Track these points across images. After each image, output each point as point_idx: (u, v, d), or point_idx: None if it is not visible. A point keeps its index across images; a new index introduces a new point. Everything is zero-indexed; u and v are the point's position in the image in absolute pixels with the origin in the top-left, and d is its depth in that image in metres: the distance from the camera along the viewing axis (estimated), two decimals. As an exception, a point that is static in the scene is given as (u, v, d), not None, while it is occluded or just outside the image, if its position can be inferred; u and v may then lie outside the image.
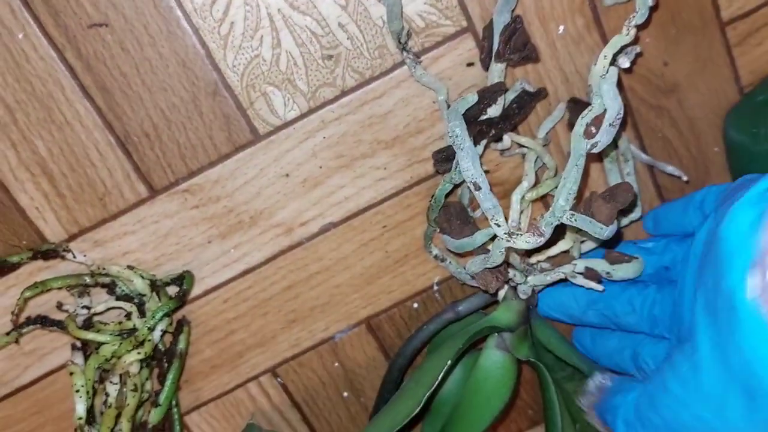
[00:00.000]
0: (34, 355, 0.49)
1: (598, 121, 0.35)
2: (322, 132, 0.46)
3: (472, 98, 0.40)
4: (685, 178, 0.48)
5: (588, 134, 0.35)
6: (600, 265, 0.42)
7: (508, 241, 0.37)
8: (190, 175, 0.46)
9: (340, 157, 0.47)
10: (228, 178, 0.46)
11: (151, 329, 0.43)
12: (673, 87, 0.48)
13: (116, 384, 0.43)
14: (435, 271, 0.51)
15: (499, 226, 0.37)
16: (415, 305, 0.52)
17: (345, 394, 0.55)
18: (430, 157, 0.47)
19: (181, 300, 0.45)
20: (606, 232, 0.37)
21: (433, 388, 0.41)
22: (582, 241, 0.44)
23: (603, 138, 0.35)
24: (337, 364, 0.53)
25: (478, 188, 0.37)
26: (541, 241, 0.37)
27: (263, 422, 0.54)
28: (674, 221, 0.44)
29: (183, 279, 0.46)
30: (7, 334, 0.47)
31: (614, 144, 0.43)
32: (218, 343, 0.51)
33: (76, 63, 0.42)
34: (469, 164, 0.37)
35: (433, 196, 0.45)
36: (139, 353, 0.43)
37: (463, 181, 0.42)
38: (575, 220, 0.36)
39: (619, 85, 0.46)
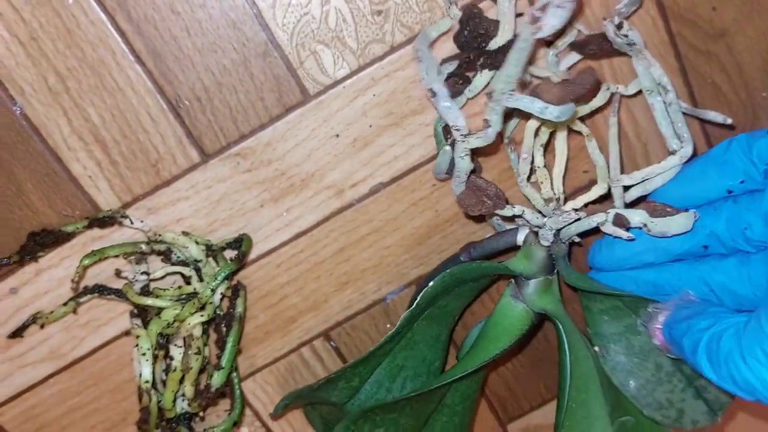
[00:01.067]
0: (90, 326, 0.49)
1: (545, 9, 0.34)
2: (372, 89, 0.45)
3: (445, 24, 0.42)
4: (729, 121, 0.46)
5: (533, 20, 0.33)
6: (637, 216, 0.39)
7: (463, 141, 0.37)
8: (241, 138, 0.45)
9: (389, 115, 0.46)
10: (279, 141, 0.46)
11: (214, 291, 0.43)
12: (722, 32, 0.48)
13: (181, 347, 0.43)
14: (486, 229, 0.51)
15: (458, 129, 0.37)
16: (465, 264, 0.52)
17: (396, 356, 0.55)
18: (480, 111, 0.47)
19: (241, 262, 0.44)
20: (554, 111, 0.33)
21: (409, 309, 0.41)
22: (626, 189, 0.43)
23: (550, 20, 0.32)
24: (389, 325, 0.53)
25: (434, 94, 0.37)
26: (491, 131, 0.36)
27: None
28: (693, 191, 0.40)
29: (240, 242, 0.46)
30: (65, 304, 0.47)
31: (649, 76, 0.42)
32: (272, 308, 0.51)
33: (126, 27, 0.42)
34: (424, 73, 0.37)
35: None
36: (202, 315, 0.43)
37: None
38: (515, 101, 0.34)
39: (667, 26, 0.46)
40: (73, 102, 0.43)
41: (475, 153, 0.41)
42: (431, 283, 0.42)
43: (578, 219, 0.40)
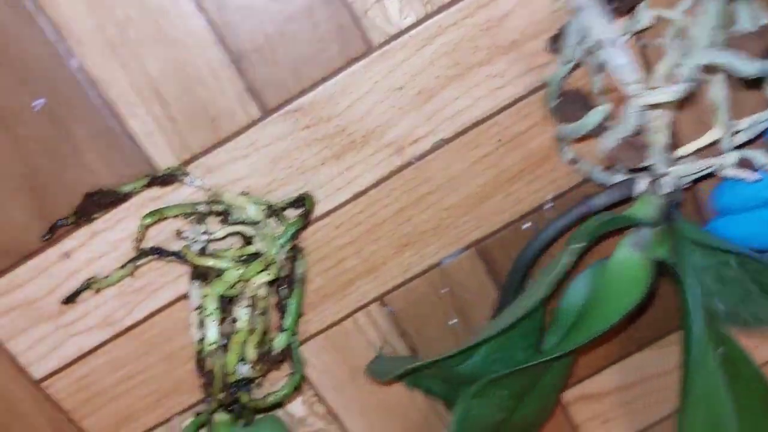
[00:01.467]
0: (144, 291, 0.48)
1: None
2: (438, 39, 0.44)
3: None
4: None
5: None
6: (760, 156, 0.39)
7: (644, 96, 0.36)
8: (302, 92, 0.44)
9: (455, 66, 0.45)
10: (341, 94, 0.44)
11: (281, 248, 0.42)
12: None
13: (248, 308, 0.42)
14: (548, 188, 0.50)
15: (634, 84, 0.36)
16: (525, 226, 0.51)
17: (453, 321, 0.53)
18: (549, 62, 0.45)
19: (305, 220, 0.43)
20: (756, 66, 0.33)
21: (557, 272, 0.40)
22: (734, 133, 0.42)
23: None
24: (445, 290, 0.52)
25: (602, 47, 0.35)
26: (682, 87, 0.35)
27: (371, 353, 0.53)
28: None
29: (301, 201, 0.44)
30: (122, 267, 0.45)
31: (751, 19, 0.41)
32: (329, 271, 0.50)
33: (188, -27, 0.40)
34: (593, 20, 0.35)
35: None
36: (268, 274, 0.41)
37: (578, 63, 0.40)
38: (715, 56, 0.34)
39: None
40: (132, 54, 0.42)
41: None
42: (580, 245, 0.40)
43: (709, 166, 0.40)
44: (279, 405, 0.51)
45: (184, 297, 0.48)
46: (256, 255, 0.43)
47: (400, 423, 0.56)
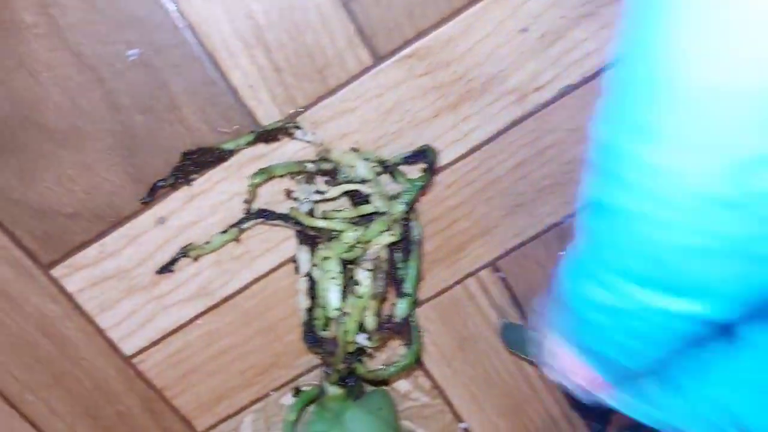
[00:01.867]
0: (243, 259, 0.45)
1: None
2: (568, -27, 0.39)
3: None
4: None
5: None
6: None
7: None
8: (417, 36, 0.40)
9: (584, 5, 0.40)
10: (460, 37, 0.40)
11: (407, 205, 0.38)
12: None
13: (369, 272, 0.38)
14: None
15: None
16: (652, 180, 0.46)
17: (569, 287, 0.49)
18: None
19: (431, 174, 0.39)
20: None
21: None
22: None
23: None
24: (562, 253, 0.48)
25: None
26: None
27: (481, 322, 0.49)
28: None
29: (422, 155, 0.40)
30: (224, 232, 0.42)
31: None
32: (439, 234, 0.46)
33: None
34: None
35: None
36: (392, 235, 0.37)
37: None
38: None
39: None
40: (235, -4, 0.38)
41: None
42: None
43: None
44: (387, 381, 0.47)
45: (286, 264, 0.45)
46: (371, 215, 0.40)
47: (504, 399, 0.52)
